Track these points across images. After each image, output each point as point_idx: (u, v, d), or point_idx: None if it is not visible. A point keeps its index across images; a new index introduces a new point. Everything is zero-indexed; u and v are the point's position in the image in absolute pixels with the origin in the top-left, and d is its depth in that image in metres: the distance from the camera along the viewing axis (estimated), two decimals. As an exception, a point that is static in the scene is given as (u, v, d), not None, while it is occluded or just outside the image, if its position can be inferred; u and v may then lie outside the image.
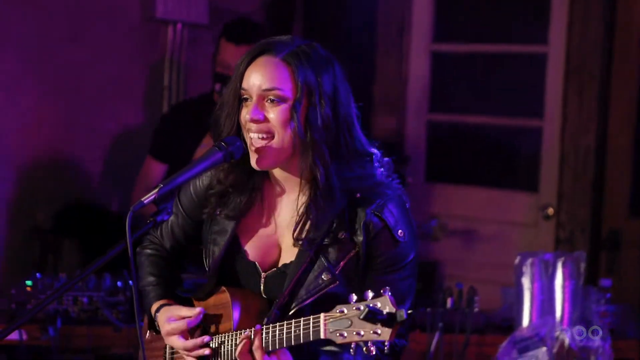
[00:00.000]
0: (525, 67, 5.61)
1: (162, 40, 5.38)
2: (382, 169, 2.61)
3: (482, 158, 5.74)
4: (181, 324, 2.64)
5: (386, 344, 2.25)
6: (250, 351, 2.47)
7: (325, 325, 2.32)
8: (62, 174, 5.04)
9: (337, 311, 2.30)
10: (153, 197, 2.45)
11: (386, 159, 2.65)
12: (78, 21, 5.04)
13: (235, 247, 2.66)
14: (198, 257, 2.77)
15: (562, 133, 5.31)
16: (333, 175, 2.50)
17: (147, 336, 2.83)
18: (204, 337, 2.63)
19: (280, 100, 2.49)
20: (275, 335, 2.45)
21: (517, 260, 4.04)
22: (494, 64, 5.70)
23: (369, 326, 2.25)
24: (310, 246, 2.52)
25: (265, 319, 2.54)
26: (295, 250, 2.57)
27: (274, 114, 2.49)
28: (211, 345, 2.63)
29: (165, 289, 2.80)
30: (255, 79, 2.51)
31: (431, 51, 5.76)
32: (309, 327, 2.36)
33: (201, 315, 2.64)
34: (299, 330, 2.39)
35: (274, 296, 2.59)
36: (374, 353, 2.26)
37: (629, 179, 5.20)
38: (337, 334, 2.29)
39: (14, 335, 3.72)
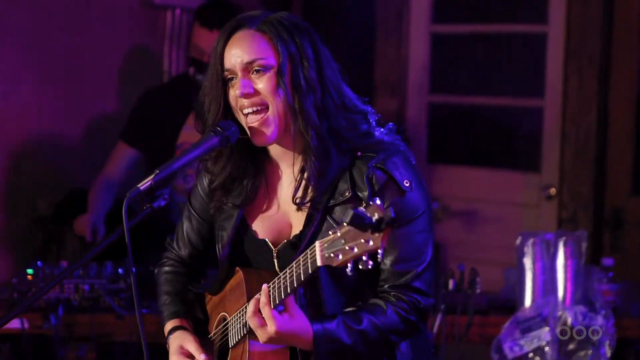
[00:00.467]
0: (526, 46, 5.58)
1: (161, 25, 5.38)
2: (382, 129, 2.60)
3: (483, 139, 5.73)
4: None
5: (379, 252, 2.15)
6: (259, 310, 2.41)
7: (321, 251, 2.23)
8: (63, 162, 5.04)
9: (330, 233, 2.22)
10: (149, 183, 2.43)
11: (390, 124, 2.63)
12: (77, 9, 5.03)
13: (243, 229, 2.65)
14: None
15: (563, 112, 5.28)
16: (325, 136, 2.48)
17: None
18: None
19: (265, 68, 2.48)
20: (280, 285, 2.38)
21: (518, 241, 4.03)
22: (493, 45, 5.67)
23: (360, 237, 2.15)
24: (315, 208, 2.50)
25: None
26: (303, 219, 2.54)
27: (262, 83, 2.49)
28: (230, 325, 2.63)
29: (177, 307, 2.80)
30: (236, 55, 2.50)
31: (431, 32, 5.74)
32: (307, 260, 2.29)
33: None
34: (300, 268, 2.32)
35: None
36: (370, 267, 2.15)
37: (630, 157, 5.18)
38: (332, 256, 2.20)
39: (15, 324, 3.73)
